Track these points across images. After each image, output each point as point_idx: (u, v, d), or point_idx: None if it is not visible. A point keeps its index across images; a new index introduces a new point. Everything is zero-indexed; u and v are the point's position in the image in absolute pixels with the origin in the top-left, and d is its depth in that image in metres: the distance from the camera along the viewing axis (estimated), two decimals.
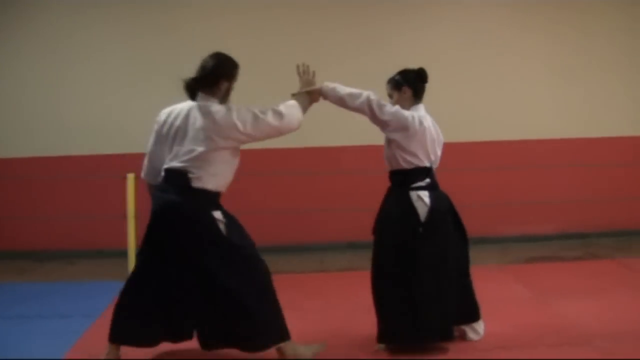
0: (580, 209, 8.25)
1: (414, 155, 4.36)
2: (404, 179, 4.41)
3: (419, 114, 4.42)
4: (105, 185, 7.59)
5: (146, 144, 4.16)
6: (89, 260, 7.63)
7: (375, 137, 4.77)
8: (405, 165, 4.38)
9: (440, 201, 4.40)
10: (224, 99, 4.17)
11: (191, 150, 4.03)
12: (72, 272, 7.18)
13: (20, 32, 7.91)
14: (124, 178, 6.79)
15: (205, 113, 4.03)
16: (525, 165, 8.11)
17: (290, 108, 4.22)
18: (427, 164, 4.40)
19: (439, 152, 4.56)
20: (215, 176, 4.08)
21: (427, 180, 4.40)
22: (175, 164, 4.08)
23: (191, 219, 4.04)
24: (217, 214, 4.10)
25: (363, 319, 4.71)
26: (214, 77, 4.12)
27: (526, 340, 4.49)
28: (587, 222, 8.32)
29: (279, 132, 4.19)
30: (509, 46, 8.26)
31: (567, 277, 6.40)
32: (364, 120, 4.47)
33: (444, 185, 4.53)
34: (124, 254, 6.89)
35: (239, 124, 4.01)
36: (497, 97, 8.23)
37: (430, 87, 7.89)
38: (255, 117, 4.06)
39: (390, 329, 4.36)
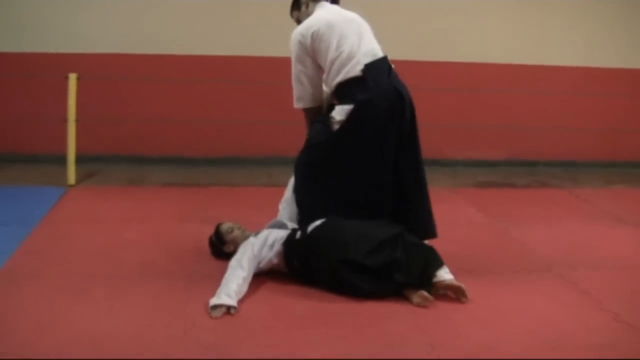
0: (529, 137, 8.23)
1: None
2: None
3: None
4: (44, 86, 7.11)
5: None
6: (24, 165, 7.17)
7: None
8: None
9: None
10: None
11: None
12: (6, 177, 6.71)
13: None
14: (66, 78, 6.41)
15: None
16: (477, 88, 7.98)
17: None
18: None
19: None
20: None
21: None
22: None
23: None
24: None
25: None
26: None
27: (490, 265, 4.44)
28: (536, 150, 8.33)
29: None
30: None
31: (519, 203, 6.39)
32: None
33: None
34: (62, 159, 6.55)
35: None
36: (454, 18, 7.98)
37: (384, 6, 7.62)
38: None
39: None
